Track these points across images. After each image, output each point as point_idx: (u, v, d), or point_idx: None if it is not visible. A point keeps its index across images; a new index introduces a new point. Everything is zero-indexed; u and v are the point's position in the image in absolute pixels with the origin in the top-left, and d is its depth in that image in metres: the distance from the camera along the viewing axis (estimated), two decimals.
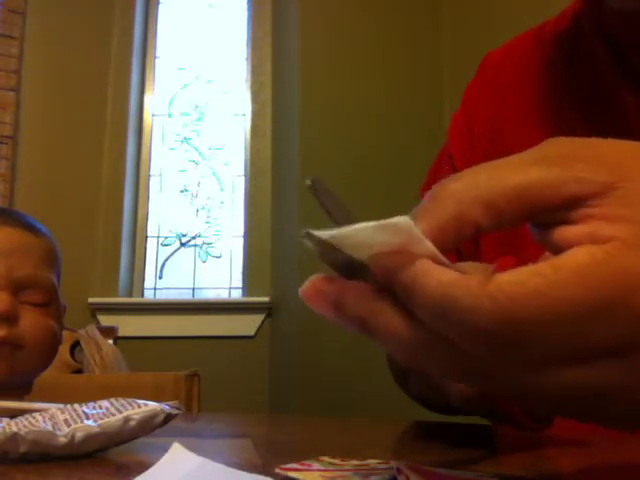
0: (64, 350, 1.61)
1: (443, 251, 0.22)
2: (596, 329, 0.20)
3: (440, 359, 0.22)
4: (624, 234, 0.20)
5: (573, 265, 0.20)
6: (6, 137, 2.56)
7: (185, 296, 2.69)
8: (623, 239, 0.20)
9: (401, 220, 0.22)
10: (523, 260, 0.22)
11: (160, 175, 2.79)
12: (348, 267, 0.24)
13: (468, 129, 0.64)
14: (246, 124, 2.80)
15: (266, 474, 0.27)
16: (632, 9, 0.49)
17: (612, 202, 0.21)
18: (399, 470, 0.27)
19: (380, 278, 0.22)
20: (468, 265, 0.28)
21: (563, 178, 0.21)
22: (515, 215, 0.22)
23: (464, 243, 0.62)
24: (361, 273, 0.23)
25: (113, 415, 0.36)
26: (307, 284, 0.24)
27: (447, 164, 0.64)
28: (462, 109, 0.67)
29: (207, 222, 2.77)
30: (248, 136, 2.78)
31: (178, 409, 0.38)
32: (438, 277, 0.21)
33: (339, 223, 0.24)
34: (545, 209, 0.22)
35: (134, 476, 0.26)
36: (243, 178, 2.78)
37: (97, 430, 0.35)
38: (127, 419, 0.36)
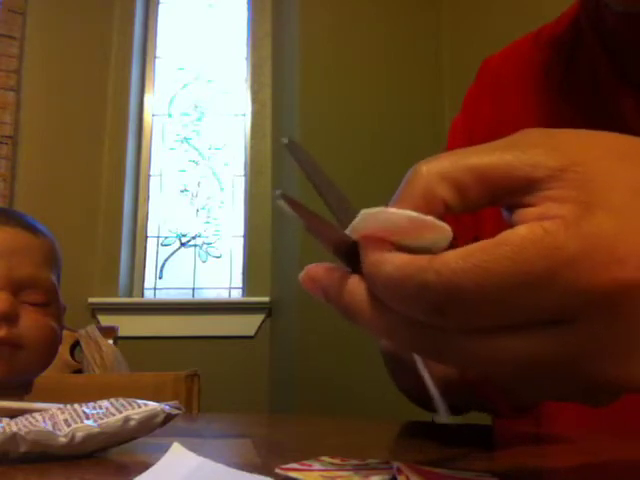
0: (64, 350, 1.60)
1: None
2: (527, 301, 0.21)
3: (408, 337, 0.24)
4: (566, 213, 0.21)
5: (511, 240, 0.21)
6: (6, 137, 2.56)
7: (185, 296, 2.69)
8: (564, 217, 0.21)
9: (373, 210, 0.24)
10: None
11: (160, 175, 2.79)
12: (337, 246, 0.26)
13: (469, 133, 0.64)
14: (246, 124, 2.80)
15: (266, 474, 0.27)
16: (631, 10, 0.49)
17: (564, 185, 0.22)
18: (399, 470, 0.27)
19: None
20: None
21: (520, 161, 0.23)
22: (479, 195, 0.24)
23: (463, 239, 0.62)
24: (351, 255, 0.25)
25: (113, 415, 0.36)
26: (304, 271, 0.26)
27: None
28: (463, 113, 0.67)
29: (207, 222, 2.77)
30: (248, 136, 2.78)
31: (178, 409, 0.38)
32: (392, 261, 0.23)
33: (317, 185, 0.27)
34: (506, 191, 0.23)
35: (134, 476, 0.26)
36: (243, 178, 2.78)
37: (97, 430, 0.35)
38: (127, 419, 0.36)
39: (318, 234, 0.25)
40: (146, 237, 2.72)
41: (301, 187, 2.20)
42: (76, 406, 0.38)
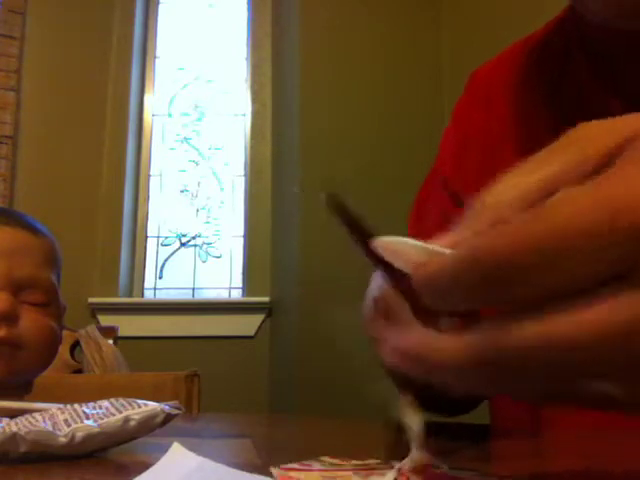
0: (64, 350, 1.60)
1: None
2: (588, 253, 0.19)
3: (486, 377, 0.21)
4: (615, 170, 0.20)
5: (561, 200, 0.20)
6: (6, 137, 2.56)
7: (185, 296, 2.69)
8: (612, 172, 0.20)
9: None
10: None
11: (160, 175, 2.79)
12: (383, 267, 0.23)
13: (462, 138, 0.64)
14: (246, 124, 2.80)
15: (266, 474, 0.27)
16: (610, 20, 0.49)
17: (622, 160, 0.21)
18: (399, 470, 0.27)
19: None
20: None
21: (584, 157, 0.22)
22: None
23: None
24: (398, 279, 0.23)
25: (113, 415, 0.36)
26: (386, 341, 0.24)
27: (438, 188, 0.63)
28: (454, 123, 0.66)
29: (207, 222, 2.77)
30: (248, 136, 2.78)
31: (178, 409, 0.38)
32: (437, 259, 0.21)
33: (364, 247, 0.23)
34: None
35: (134, 476, 0.26)
36: (243, 178, 2.78)
37: (97, 430, 0.35)
38: (127, 419, 0.36)
39: (372, 259, 0.23)
40: (146, 237, 2.72)
41: (301, 187, 2.20)
42: (76, 406, 0.38)
